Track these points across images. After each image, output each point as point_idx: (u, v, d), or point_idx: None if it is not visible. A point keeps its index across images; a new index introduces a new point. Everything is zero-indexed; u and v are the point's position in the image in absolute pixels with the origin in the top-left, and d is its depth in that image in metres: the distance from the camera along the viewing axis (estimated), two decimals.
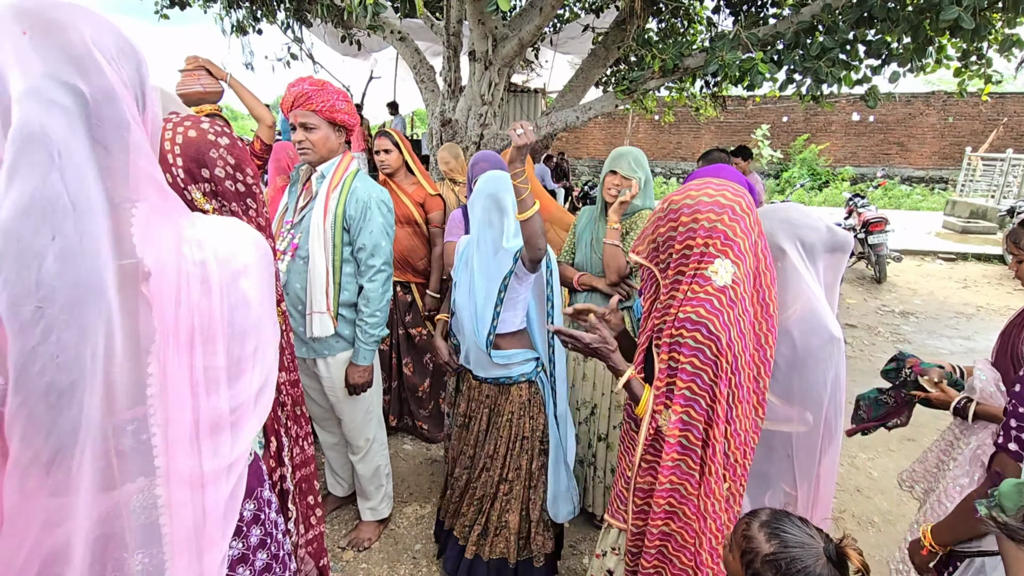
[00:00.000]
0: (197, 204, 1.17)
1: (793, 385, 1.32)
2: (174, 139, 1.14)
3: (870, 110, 13.62)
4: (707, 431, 1.23)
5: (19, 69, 0.60)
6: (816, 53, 3.28)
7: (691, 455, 1.24)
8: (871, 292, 6.28)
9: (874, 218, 6.40)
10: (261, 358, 0.81)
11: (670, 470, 1.27)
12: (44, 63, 0.61)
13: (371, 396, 2.09)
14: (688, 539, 1.28)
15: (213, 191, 1.18)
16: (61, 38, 0.63)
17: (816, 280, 1.36)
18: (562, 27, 5.95)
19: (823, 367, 1.29)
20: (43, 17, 0.62)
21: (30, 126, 0.59)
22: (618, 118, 15.11)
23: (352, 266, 1.90)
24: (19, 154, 0.58)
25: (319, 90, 1.77)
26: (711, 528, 1.27)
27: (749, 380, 1.25)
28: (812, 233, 1.37)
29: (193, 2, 4.92)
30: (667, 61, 3.77)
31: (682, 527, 1.29)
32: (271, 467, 1.37)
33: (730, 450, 1.25)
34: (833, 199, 12.80)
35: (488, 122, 4.31)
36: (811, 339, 1.28)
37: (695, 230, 1.22)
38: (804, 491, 1.42)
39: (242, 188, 1.22)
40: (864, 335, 4.90)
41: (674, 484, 1.27)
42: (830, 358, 1.28)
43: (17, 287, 0.58)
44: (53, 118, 0.60)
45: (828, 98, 3.90)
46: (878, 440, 3.18)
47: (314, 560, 1.58)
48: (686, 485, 1.26)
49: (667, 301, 1.29)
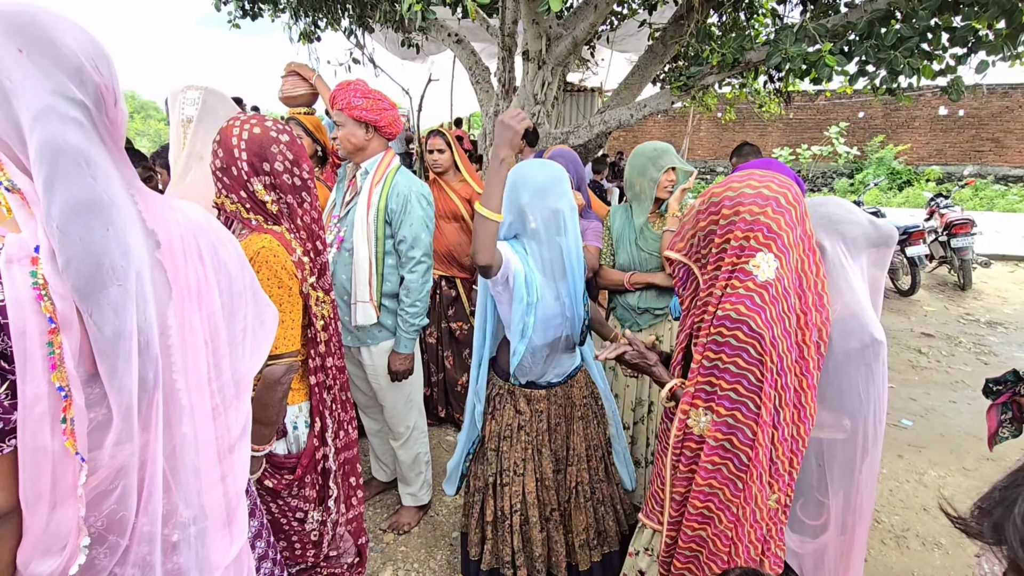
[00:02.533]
0: (257, 195, 1.26)
1: (830, 389, 1.25)
2: (240, 135, 1.25)
3: (959, 104, 12.51)
4: (753, 435, 1.18)
5: (28, 89, 0.66)
6: (892, 43, 3.06)
7: (734, 459, 1.20)
8: (953, 299, 5.78)
9: (958, 219, 5.88)
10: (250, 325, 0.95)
11: (709, 473, 1.23)
12: (49, 80, 0.68)
13: (412, 384, 2.16)
14: (722, 547, 1.24)
15: (272, 184, 1.28)
16: (55, 53, 0.68)
17: (860, 278, 1.29)
18: (619, 24, 5.87)
19: (863, 371, 1.21)
20: (33, 33, 0.67)
21: (55, 141, 0.67)
22: (678, 116, 14.68)
23: (394, 258, 1.98)
24: (53, 167, 0.66)
25: (341, 90, 1.88)
26: (749, 537, 1.22)
27: (793, 382, 1.20)
28: (854, 228, 1.29)
29: (264, 12, 5.21)
30: (726, 55, 3.64)
31: (717, 534, 1.25)
32: (315, 446, 1.45)
33: (777, 457, 1.20)
34: (914, 199, 11.86)
35: (541, 121, 4.32)
36: (850, 341, 1.21)
37: (735, 223, 1.18)
38: (838, 501, 1.33)
39: (298, 182, 1.31)
40: (943, 345, 4.52)
41: (713, 488, 1.23)
42: (871, 362, 1.21)
43: (97, 277, 0.68)
44: (71, 131, 0.69)
45: (905, 91, 3.64)
46: (952, 457, 2.94)
47: (353, 538, 1.66)
48: (725, 490, 1.22)
49: (706, 298, 1.25)
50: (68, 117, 0.68)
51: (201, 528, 0.84)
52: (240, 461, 0.92)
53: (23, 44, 0.66)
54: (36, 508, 0.68)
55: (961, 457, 2.94)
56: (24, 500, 0.68)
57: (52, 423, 0.68)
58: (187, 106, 1.72)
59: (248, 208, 1.27)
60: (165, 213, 0.80)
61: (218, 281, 0.88)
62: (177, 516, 0.81)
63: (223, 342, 0.88)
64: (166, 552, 0.80)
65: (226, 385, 0.89)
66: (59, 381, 0.67)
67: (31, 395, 0.66)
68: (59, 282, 0.67)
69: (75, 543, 0.72)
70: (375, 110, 1.87)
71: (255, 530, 1.16)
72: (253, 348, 0.95)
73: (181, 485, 0.81)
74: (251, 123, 1.27)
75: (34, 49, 0.67)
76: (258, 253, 1.22)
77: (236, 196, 1.26)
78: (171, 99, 1.72)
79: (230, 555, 0.89)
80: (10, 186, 0.68)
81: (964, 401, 3.57)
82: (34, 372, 0.66)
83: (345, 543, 1.60)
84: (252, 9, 5.17)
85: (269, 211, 1.28)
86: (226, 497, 0.89)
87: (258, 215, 1.27)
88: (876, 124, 13.72)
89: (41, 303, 0.66)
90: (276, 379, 1.24)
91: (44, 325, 0.66)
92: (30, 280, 0.65)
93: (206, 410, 0.84)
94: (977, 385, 3.79)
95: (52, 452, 0.68)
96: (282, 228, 1.29)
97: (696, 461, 1.26)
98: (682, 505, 1.31)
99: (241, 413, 0.93)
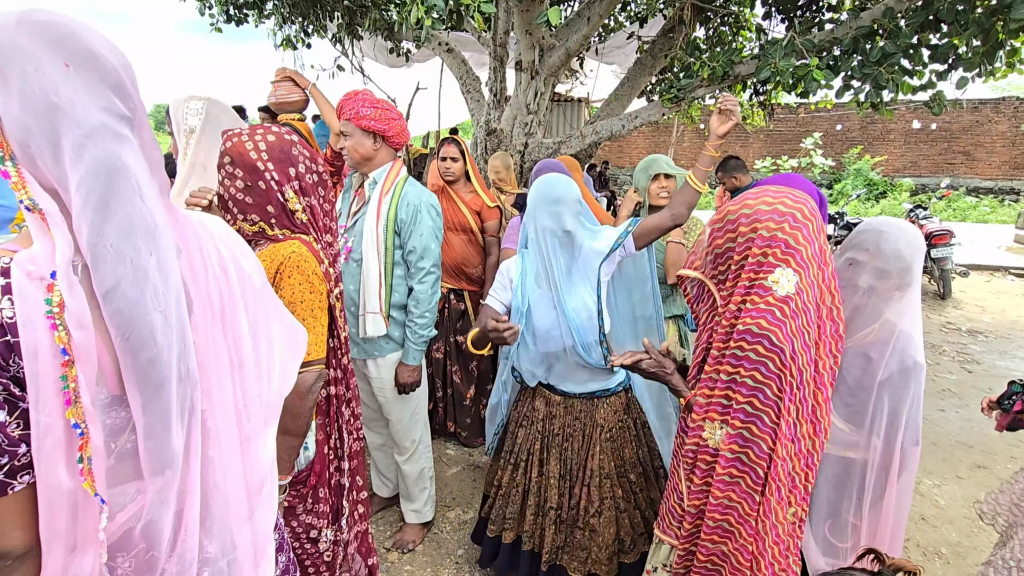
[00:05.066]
0: (289, 204, 1.22)
1: (866, 410, 1.25)
2: (257, 147, 1.19)
3: (932, 118, 12.94)
4: (772, 449, 1.18)
5: (79, 106, 0.63)
6: (876, 59, 3.15)
7: (751, 473, 1.19)
8: (934, 308, 5.93)
9: (938, 230, 6.05)
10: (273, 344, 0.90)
11: (727, 486, 1.21)
12: (98, 96, 0.65)
13: (418, 397, 2.12)
14: (743, 561, 1.23)
15: (300, 187, 1.23)
16: (99, 67, 0.65)
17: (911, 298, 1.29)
18: (608, 37, 5.94)
19: (899, 394, 1.21)
20: (76, 47, 0.64)
21: (111, 160, 0.64)
22: (662, 127, 14.89)
23: (403, 268, 1.95)
24: (110, 185, 0.64)
25: (349, 100, 1.85)
26: (773, 553, 1.20)
27: (811, 396, 1.20)
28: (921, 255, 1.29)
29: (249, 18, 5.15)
30: (716, 68, 3.70)
31: (738, 548, 1.23)
32: (329, 459, 1.41)
33: (796, 470, 1.20)
34: (891, 211, 12.19)
35: (533, 131, 4.33)
36: (891, 364, 1.21)
37: (753, 239, 1.18)
38: (870, 521, 1.34)
39: (316, 179, 1.28)
40: (928, 354, 4.62)
41: (732, 501, 1.22)
42: (910, 385, 1.21)
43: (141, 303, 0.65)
44: (124, 149, 0.66)
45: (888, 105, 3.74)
46: (945, 466, 2.99)
47: (363, 558, 1.61)
48: (744, 504, 1.21)
49: (724, 313, 1.25)
50: (120, 135, 0.66)
51: (231, 560, 0.79)
52: (268, 495, 0.87)
53: (68, 58, 0.63)
54: (52, 549, 0.64)
55: (954, 465, 2.99)
56: (41, 541, 0.63)
57: (68, 460, 0.63)
58: (190, 116, 1.68)
59: (273, 223, 1.22)
60: (185, 225, 0.77)
61: (244, 296, 0.83)
62: (205, 552, 0.76)
63: (250, 362, 0.83)
64: None
65: (254, 411, 0.84)
66: (75, 418, 0.62)
67: (43, 424, 0.61)
68: (80, 311, 0.62)
69: None
70: (383, 120, 1.84)
71: (283, 566, 1.10)
72: (282, 371, 0.90)
73: (211, 517, 0.76)
74: (260, 133, 1.23)
75: (79, 64, 0.64)
76: (288, 258, 1.18)
77: (260, 214, 1.21)
78: (173, 109, 1.68)
79: None
80: (31, 205, 0.64)
81: (952, 410, 3.65)
82: (46, 399, 0.61)
83: (355, 564, 1.55)
84: (237, 14, 5.10)
85: (298, 221, 1.24)
86: (254, 534, 0.83)
87: (284, 228, 1.23)
88: (853, 136, 14.12)
89: (55, 332, 0.61)
90: (308, 387, 1.18)
91: (58, 356, 0.61)
92: (44, 308, 0.61)
93: (233, 438, 0.79)
94: (963, 393, 3.90)
95: (68, 491, 0.63)
96: (310, 238, 1.25)
97: (711, 474, 1.25)
98: (698, 519, 1.29)
99: (270, 444, 0.87)
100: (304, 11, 4.93)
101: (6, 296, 0.60)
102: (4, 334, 0.60)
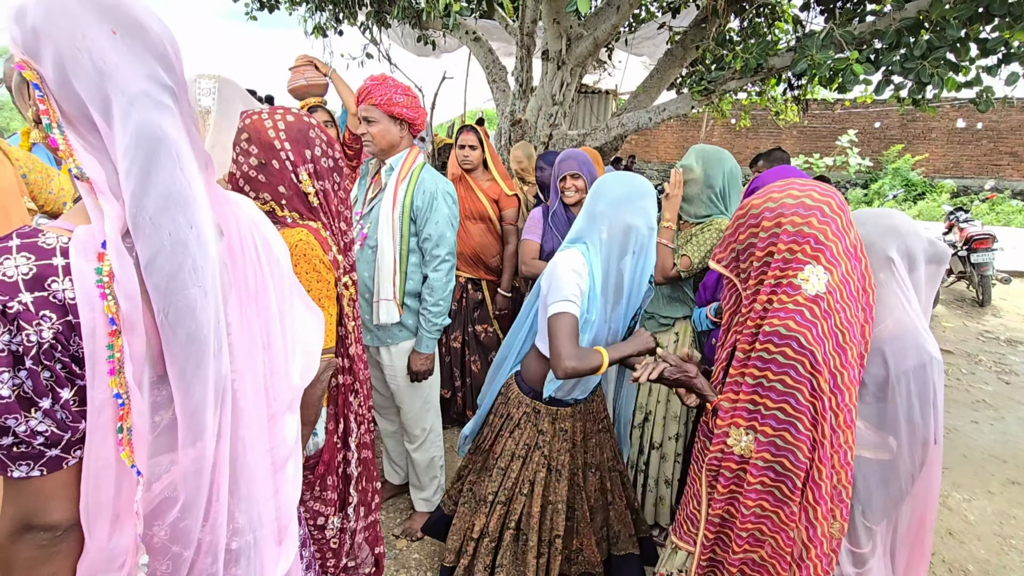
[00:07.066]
0: (303, 186, 1.21)
1: (878, 408, 1.19)
2: (276, 126, 1.19)
3: (978, 116, 12.37)
4: (809, 457, 1.12)
5: (124, 72, 0.63)
6: (921, 53, 3.00)
7: (787, 482, 1.13)
8: (972, 316, 5.69)
9: (979, 234, 5.80)
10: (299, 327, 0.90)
11: (759, 495, 1.16)
12: (143, 64, 0.65)
13: (430, 386, 2.11)
14: (781, 570, 1.18)
15: (315, 171, 1.23)
16: (145, 37, 0.66)
17: (916, 294, 1.23)
18: (638, 27, 5.82)
19: (917, 391, 1.15)
20: (123, 15, 0.65)
21: (152, 128, 0.64)
22: (692, 121, 14.61)
23: (417, 256, 1.93)
24: (151, 154, 0.64)
25: (378, 85, 1.82)
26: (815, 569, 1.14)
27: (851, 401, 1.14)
28: (917, 242, 1.23)
29: (280, 5, 5.20)
30: (750, 60, 3.58)
31: (774, 556, 1.18)
32: (337, 448, 1.41)
33: (842, 483, 1.14)
34: (929, 213, 11.75)
35: (558, 122, 4.27)
36: (907, 359, 1.15)
37: (777, 235, 1.13)
38: (886, 527, 1.28)
39: (331, 163, 1.27)
40: (963, 363, 4.44)
41: (765, 511, 1.16)
42: (927, 381, 1.15)
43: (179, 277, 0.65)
44: (165, 119, 0.65)
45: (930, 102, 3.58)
46: (976, 480, 2.87)
47: (370, 547, 1.61)
48: (780, 512, 1.15)
49: (748, 313, 1.20)
50: (162, 104, 0.66)
51: (257, 536, 0.80)
52: (293, 475, 0.88)
53: (116, 26, 0.64)
54: (97, 523, 0.65)
55: (985, 480, 2.87)
56: (85, 514, 0.65)
57: (113, 433, 0.64)
58: (202, 96, 1.68)
59: (284, 204, 1.21)
60: (224, 204, 0.77)
61: (273, 279, 0.83)
62: (235, 523, 0.78)
63: (279, 344, 0.84)
64: (227, 564, 0.77)
65: (281, 391, 0.84)
66: (117, 387, 0.63)
67: (98, 401, 0.63)
68: (128, 280, 0.63)
69: (133, 561, 0.68)
70: (413, 108, 1.84)
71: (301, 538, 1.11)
72: (305, 352, 0.90)
73: (239, 491, 0.77)
74: (280, 113, 1.22)
75: (126, 32, 0.64)
76: (295, 246, 1.17)
77: (272, 193, 1.20)
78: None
79: (279, 572, 0.85)
80: (79, 174, 0.64)
81: (986, 422, 3.50)
82: (100, 376, 0.62)
83: (363, 552, 1.55)
84: (269, 1, 5.16)
85: (310, 204, 1.23)
86: (278, 511, 0.85)
87: (294, 211, 1.22)
88: (892, 134, 13.60)
89: (104, 302, 0.62)
90: (317, 376, 1.19)
91: (106, 326, 0.62)
92: (95, 277, 0.62)
93: (262, 416, 0.80)
94: (999, 405, 3.73)
95: (112, 463, 0.65)
96: (318, 224, 1.24)
97: (736, 483, 1.20)
98: (720, 528, 1.25)
99: (294, 423, 0.88)
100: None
101: (67, 277, 0.61)
102: (66, 314, 0.61)
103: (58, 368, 0.61)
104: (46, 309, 0.60)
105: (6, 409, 0.58)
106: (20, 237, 0.62)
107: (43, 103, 0.63)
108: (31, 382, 0.59)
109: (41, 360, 0.60)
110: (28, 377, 0.59)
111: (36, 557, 0.64)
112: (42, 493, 0.63)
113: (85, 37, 0.61)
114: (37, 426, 0.60)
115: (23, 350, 0.59)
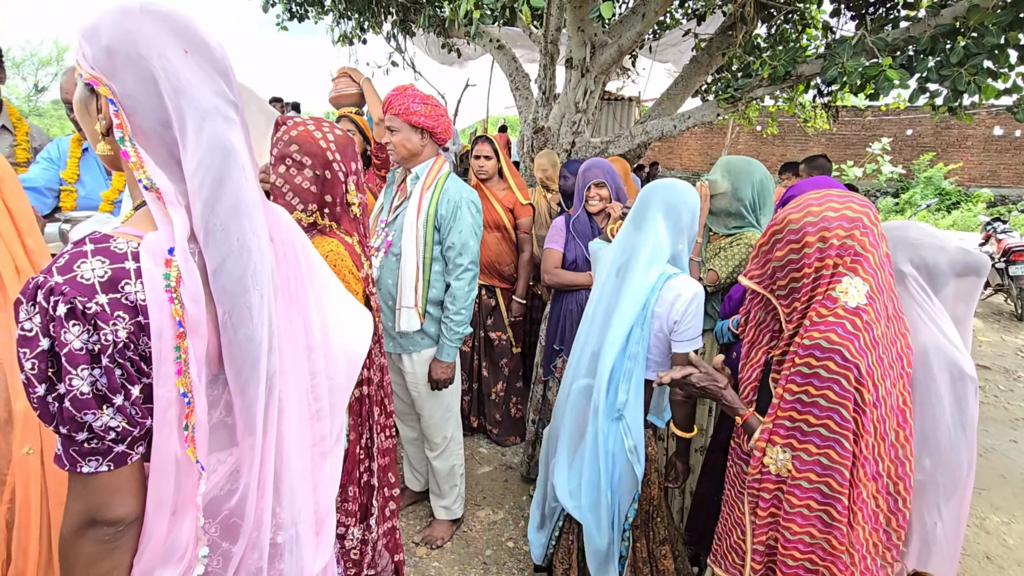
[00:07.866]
0: (348, 197, 1.26)
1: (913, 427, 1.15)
2: (327, 138, 1.23)
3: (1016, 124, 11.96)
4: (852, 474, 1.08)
5: (196, 89, 0.68)
6: (957, 60, 2.91)
7: (835, 504, 1.08)
8: (1011, 331, 5.48)
9: (1017, 246, 5.59)
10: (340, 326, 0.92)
11: (806, 520, 1.11)
12: (211, 81, 0.69)
13: (451, 394, 2.11)
14: None
15: (357, 183, 1.28)
16: (211, 56, 0.70)
17: (941, 308, 1.18)
18: (662, 34, 5.78)
19: (949, 408, 1.11)
20: (192, 35, 0.69)
21: (223, 141, 0.68)
22: (716, 128, 14.43)
23: (440, 264, 1.94)
24: (223, 165, 0.68)
25: (398, 95, 1.85)
26: None
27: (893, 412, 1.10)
28: (937, 254, 1.19)
29: (309, 14, 5.32)
30: (778, 68, 3.52)
31: None
32: (360, 458, 1.41)
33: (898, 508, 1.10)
34: (964, 223, 11.38)
35: (581, 130, 4.26)
36: (937, 376, 1.11)
37: (824, 250, 1.09)
38: (916, 547, 1.22)
39: (357, 167, 1.30)
40: (1000, 379, 4.27)
41: (814, 537, 1.11)
42: (960, 398, 1.10)
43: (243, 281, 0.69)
44: (232, 132, 0.70)
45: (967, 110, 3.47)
46: (1016, 502, 2.74)
47: (390, 555, 1.61)
48: (832, 539, 1.09)
49: (792, 329, 1.16)
50: (229, 118, 0.70)
51: (299, 530, 0.82)
52: (332, 471, 0.91)
53: (187, 45, 0.68)
54: (158, 516, 0.69)
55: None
56: (147, 508, 0.68)
57: (178, 430, 0.68)
58: None
59: (326, 213, 1.24)
60: (270, 211, 0.80)
61: (312, 285, 0.87)
62: (278, 517, 0.80)
63: (318, 347, 0.87)
64: (272, 558, 0.79)
65: (322, 392, 0.87)
66: (183, 387, 0.67)
67: (164, 399, 0.66)
68: (194, 284, 0.67)
69: (193, 553, 0.71)
70: (432, 116, 1.84)
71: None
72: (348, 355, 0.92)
73: (282, 486, 0.80)
74: (326, 126, 1.25)
75: (196, 51, 0.68)
76: (326, 255, 1.19)
77: (319, 204, 1.23)
78: None
79: (317, 566, 0.87)
80: (149, 184, 0.68)
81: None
82: (167, 375, 0.66)
83: (383, 559, 1.55)
84: (299, 11, 5.27)
85: (352, 214, 1.26)
86: (317, 506, 0.87)
87: (333, 220, 1.24)
88: (925, 142, 13.24)
89: (172, 306, 0.65)
90: None
91: (174, 328, 0.66)
92: (163, 282, 0.65)
93: (303, 414, 0.84)
94: None
95: (176, 459, 0.68)
96: (354, 239, 1.26)
97: (775, 504, 1.15)
98: (768, 556, 1.19)
99: (337, 421, 0.91)
100: (360, 8, 5.04)
101: (138, 279, 0.65)
102: (136, 315, 0.64)
103: (129, 366, 0.64)
104: (120, 310, 0.63)
105: (84, 405, 0.61)
106: (93, 242, 0.65)
107: (117, 117, 0.67)
108: (106, 379, 0.62)
109: (116, 358, 0.63)
110: (103, 374, 0.62)
111: (98, 552, 0.66)
112: (108, 488, 0.65)
113: (161, 56, 0.65)
114: (110, 421, 0.63)
115: (100, 348, 0.62)
